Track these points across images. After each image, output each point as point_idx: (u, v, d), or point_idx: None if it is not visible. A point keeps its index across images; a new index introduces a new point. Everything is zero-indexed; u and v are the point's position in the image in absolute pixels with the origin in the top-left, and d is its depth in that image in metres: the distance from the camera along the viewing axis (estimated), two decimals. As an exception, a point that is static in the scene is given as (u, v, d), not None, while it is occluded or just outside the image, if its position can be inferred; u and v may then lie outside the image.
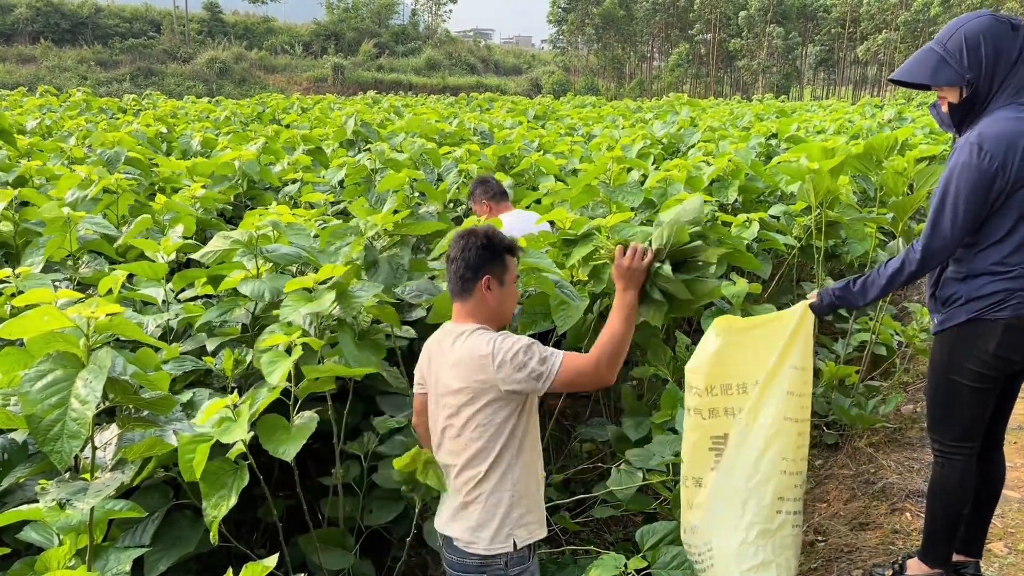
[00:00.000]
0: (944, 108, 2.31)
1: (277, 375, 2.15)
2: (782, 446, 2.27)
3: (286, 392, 2.26)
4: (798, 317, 2.34)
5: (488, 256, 2.15)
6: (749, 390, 2.32)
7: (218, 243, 2.75)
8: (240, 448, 2.06)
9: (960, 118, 2.28)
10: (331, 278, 2.51)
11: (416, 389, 2.34)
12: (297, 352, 2.21)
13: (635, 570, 2.29)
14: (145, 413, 1.96)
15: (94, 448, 1.87)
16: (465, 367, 2.06)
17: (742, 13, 58.88)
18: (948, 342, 2.34)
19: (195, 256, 2.85)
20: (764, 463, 2.26)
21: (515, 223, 3.90)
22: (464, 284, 2.15)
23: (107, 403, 1.84)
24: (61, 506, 1.73)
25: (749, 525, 2.26)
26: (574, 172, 5.91)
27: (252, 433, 2.09)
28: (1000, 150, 2.12)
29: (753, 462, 2.27)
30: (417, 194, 4.22)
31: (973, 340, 2.26)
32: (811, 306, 2.38)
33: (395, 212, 3.28)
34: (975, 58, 2.17)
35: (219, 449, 2.06)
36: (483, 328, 2.13)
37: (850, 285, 2.39)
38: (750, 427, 2.29)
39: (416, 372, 2.33)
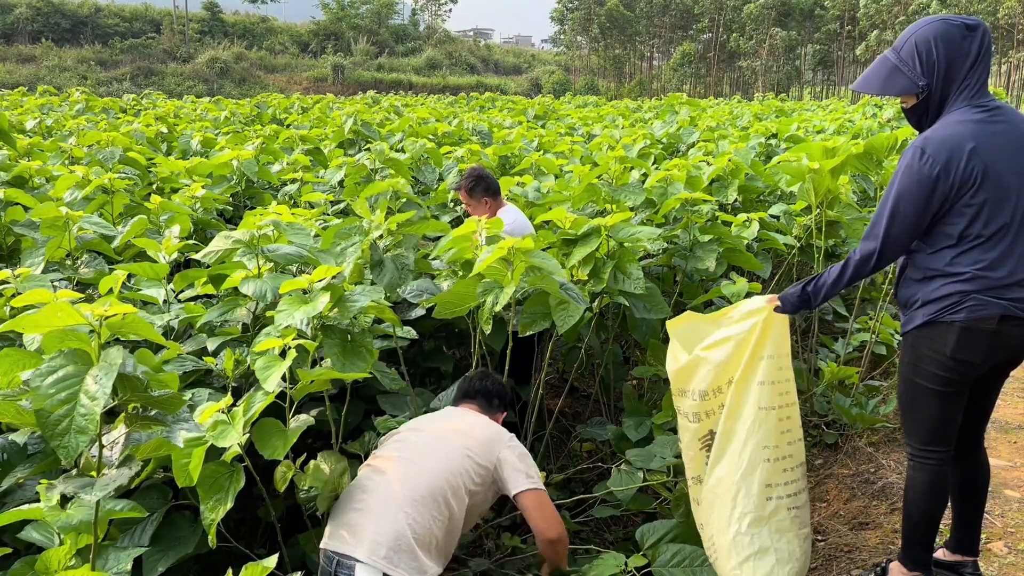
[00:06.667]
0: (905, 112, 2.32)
1: (272, 380, 2.14)
2: (762, 435, 2.32)
3: (282, 394, 2.26)
4: (765, 315, 2.37)
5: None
6: (724, 389, 2.38)
7: (220, 243, 2.74)
8: (235, 451, 2.06)
9: (918, 121, 2.27)
10: (325, 279, 2.50)
11: None
12: (291, 356, 2.20)
13: (635, 568, 2.29)
14: (153, 412, 1.96)
15: (101, 446, 1.87)
16: None
17: (747, 6, 58.52)
18: (911, 344, 2.31)
19: (197, 256, 2.85)
20: (747, 454, 2.32)
21: (518, 221, 3.88)
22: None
23: (116, 400, 1.84)
24: (66, 499, 1.73)
25: (741, 516, 2.31)
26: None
27: (247, 436, 2.09)
28: (943, 156, 2.09)
29: (737, 455, 2.33)
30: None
31: (931, 343, 2.23)
32: (777, 309, 2.40)
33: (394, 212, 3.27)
34: (928, 64, 2.16)
35: (215, 452, 2.06)
36: None
37: (806, 287, 2.40)
38: (730, 423, 2.35)
39: None
